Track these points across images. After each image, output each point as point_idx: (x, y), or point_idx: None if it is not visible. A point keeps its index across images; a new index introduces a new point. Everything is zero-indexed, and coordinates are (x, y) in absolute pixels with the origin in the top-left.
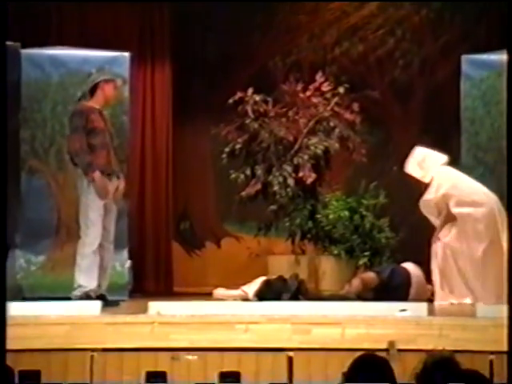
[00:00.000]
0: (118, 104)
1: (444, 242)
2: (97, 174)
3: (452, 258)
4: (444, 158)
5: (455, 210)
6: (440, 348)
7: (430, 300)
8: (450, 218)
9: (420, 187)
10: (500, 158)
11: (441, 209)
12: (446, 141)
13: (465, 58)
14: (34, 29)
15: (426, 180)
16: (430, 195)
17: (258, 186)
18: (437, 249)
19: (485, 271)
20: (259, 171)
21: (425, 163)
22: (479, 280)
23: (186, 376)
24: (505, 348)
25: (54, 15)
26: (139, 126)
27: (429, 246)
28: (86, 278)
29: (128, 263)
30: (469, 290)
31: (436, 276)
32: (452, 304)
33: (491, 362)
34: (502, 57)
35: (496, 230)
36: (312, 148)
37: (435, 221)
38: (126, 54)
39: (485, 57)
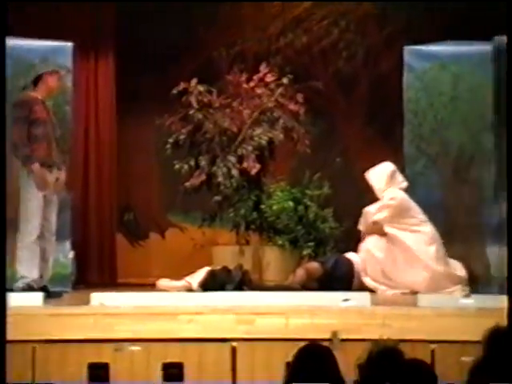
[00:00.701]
0: (61, 94)
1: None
2: (36, 166)
3: (387, 249)
4: (405, 183)
5: (388, 230)
6: (384, 337)
7: (373, 290)
8: (379, 233)
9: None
10: (442, 149)
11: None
12: (390, 132)
13: (407, 49)
14: None
15: (379, 194)
16: (372, 209)
17: (203, 177)
18: (368, 243)
19: (416, 260)
20: (203, 162)
21: (389, 180)
22: (413, 270)
23: (129, 367)
24: (451, 337)
25: None
26: (82, 117)
27: None
28: (27, 268)
29: (71, 254)
30: (406, 280)
31: (375, 266)
32: (394, 294)
33: (433, 351)
34: (444, 48)
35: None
36: (256, 139)
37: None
38: (70, 44)
39: (427, 48)
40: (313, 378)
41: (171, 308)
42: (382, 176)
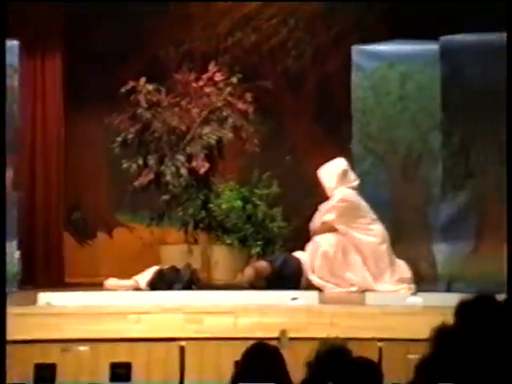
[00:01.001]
0: (8, 92)
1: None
2: None
3: (336, 248)
4: (357, 182)
5: (339, 228)
6: (331, 336)
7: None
8: (329, 232)
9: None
10: (390, 148)
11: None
12: (338, 130)
13: (355, 48)
14: None
15: (329, 192)
16: (322, 209)
17: (151, 176)
18: (317, 241)
19: (366, 258)
20: (152, 161)
21: (340, 178)
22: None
23: (76, 367)
24: (399, 335)
25: None
26: (30, 116)
27: None
28: None
29: (17, 254)
30: (355, 278)
31: (322, 264)
32: (341, 292)
33: (380, 349)
34: (392, 47)
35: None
36: (205, 138)
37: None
38: (16, 43)
39: (375, 47)
40: (260, 377)
41: (119, 307)
42: (333, 174)
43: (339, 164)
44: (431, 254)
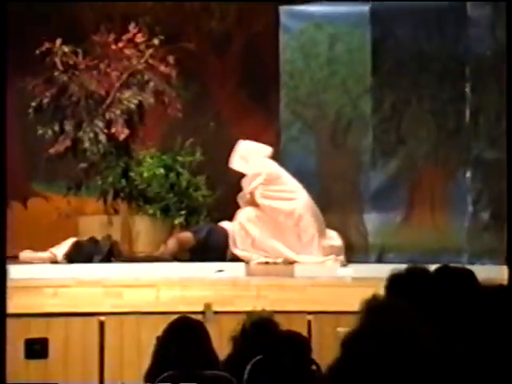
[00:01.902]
0: None
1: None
2: None
3: (260, 219)
4: (268, 149)
5: (260, 200)
6: (258, 309)
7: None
8: (253, 205)
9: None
10: (319, 113)
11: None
12: (265, 95)
13: (283, 8)
14: None
15: (249, 172)
16: (244, 182)
17: (68, 143)
18: (241, 214)
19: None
20: (68, 127)
21: (249, 157)
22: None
23: None
24: (328, 308)
25: None
26: None
27: None
28: None
29: None
30: (279, 249)
31: (242, 237)
32: (267, 263)
33: (309, 322)
34: (320, 8)
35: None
36: (125, 102)
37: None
38: None
39: (303, 8)
40: (184, 352)
41: (35, 281)
42: (238, 158)
43: (240, 146)
44: (362, 224)
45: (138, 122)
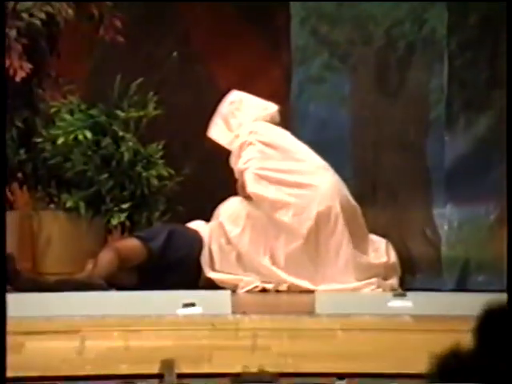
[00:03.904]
0: None
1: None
2: None
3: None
4: (272, 108)
5: (252, 190)
6: (253, 370)
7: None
8: (243, 195)
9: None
10: (357, 35)
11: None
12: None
13: None
14: None
15: (233, 146)
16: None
17: None
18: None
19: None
20: None
21: (238, 118)
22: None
23: None
24: (369, 368)
25: None
26: None
27: None
28: None
29: None
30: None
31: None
32: (266, 290)
33: None
34: None
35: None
36: (24, 16)
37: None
38: None
39: None
40: None
41: None
42: (223, 122)
43: (230, 97)
44: (431, 225)
45: (48, 52)
